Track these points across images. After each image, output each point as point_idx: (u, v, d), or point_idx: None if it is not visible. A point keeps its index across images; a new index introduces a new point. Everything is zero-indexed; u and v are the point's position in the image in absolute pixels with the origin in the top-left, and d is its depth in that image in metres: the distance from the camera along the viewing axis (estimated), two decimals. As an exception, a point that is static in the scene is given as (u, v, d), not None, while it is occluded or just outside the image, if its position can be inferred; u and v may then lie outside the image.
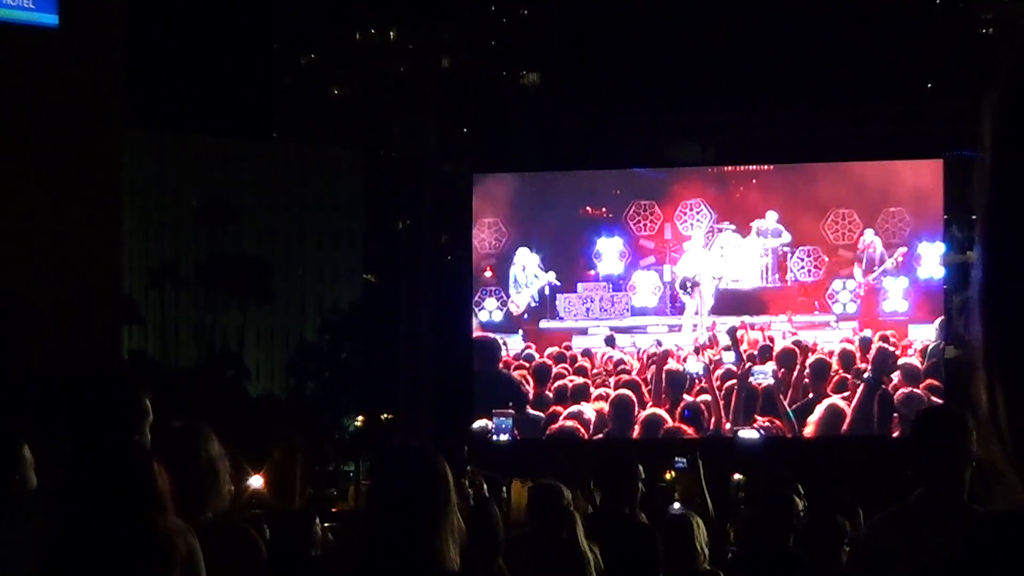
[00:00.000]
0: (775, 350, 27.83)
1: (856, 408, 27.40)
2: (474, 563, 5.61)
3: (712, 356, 27.91)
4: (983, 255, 0.96)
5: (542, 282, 28.86)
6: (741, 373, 27.68)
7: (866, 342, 27.71)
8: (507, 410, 28.42)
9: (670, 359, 27.98)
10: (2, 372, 24.14)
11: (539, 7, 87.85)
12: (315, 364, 64.75)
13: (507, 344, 28.78)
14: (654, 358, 27.98)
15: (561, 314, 28.74)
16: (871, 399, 27.41)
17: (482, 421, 28.67)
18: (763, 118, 36.88)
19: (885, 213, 28.17)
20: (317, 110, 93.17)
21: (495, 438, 28.24)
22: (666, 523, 7.61)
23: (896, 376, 27.53)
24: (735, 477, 30.55)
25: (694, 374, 27.97)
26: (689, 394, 27.88)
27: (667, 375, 27.89)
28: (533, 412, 28.23)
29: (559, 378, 28.33)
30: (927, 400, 26.09)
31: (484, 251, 29.33)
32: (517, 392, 28.42)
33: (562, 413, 28.04)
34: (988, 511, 0.98)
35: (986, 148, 0.96)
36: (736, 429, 27.57)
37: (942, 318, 27.46)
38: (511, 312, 28.87)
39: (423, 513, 3.76)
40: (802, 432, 27.52)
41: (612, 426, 27.70)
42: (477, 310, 29.07)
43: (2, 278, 28.36)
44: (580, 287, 28.90)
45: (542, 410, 28.18)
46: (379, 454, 3.87)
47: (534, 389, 28.39)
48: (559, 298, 28.78)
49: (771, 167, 29.65)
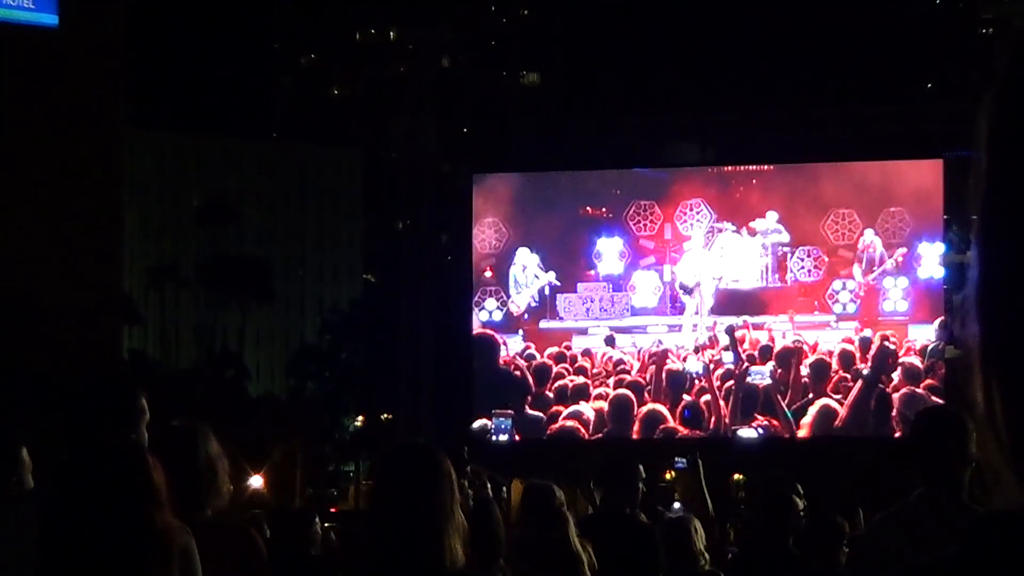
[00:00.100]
0: (775, 350, 27.81)
1: (851, 406, 27.34)
2: (474, 563, 5.60)
3: (712, 356, 27.90)
4: (979, 255, 0.96)
5: (542, 282, 28.84)
6: (739, 373, 27.67)
7: (866, 342, 27.68)
8: (506, 410, 28.40)
9: (669, 358, 27.96)
10: (2, 372, 24.13)
11: (539, 7, 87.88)
12: (315, 364, 64.73)
13: (507, 344, 28.75)
14: (654, 358, 27.97)
15: (561, 314, 28.72)
16: (868, 397, 27.36)
17: (482, 421, 28.65)
18: (763, 118, 36.91)
19: (885, 213, 28.16)
20: (317, 110, 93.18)
21: (494, 438, 28.22)
22: (665, 526, 7.60)
23: (896, 376, 27.50)
24: (735, 477, 30.56)
25: (694, 374, 27.95)
26: (689, 394, 27.87)
27: (667, 375, 27.88)
28: (533, 412, 28.21)
29: (559, 378, 28.31)
30: (927, 400, 26.08)
31: (484, 251, 29.32)
32: (517, 392, 28.40)
33: (562, 413, 28.01)
34: (985, 511, 0.98)
35: (982, 148, 0.96)
36: (734, 429, 27.56)
37: (942, 318, 27.44)
38: (511, 312, 28.85)
39: (429, 510, 3.75)
40: (797, 432, 27.50)
41: (611, 426, 27.68)
42: (477, 310, 29.06)
43: (2, 278, 28.36)
44: (580, 287, 28.88)
45: (542, 410, 28.16)
46: (382, 452, 3.89)
47: (534, 389, 28.37)
48: (559, 298, 28.76)
49: (771, 167, 29.64)
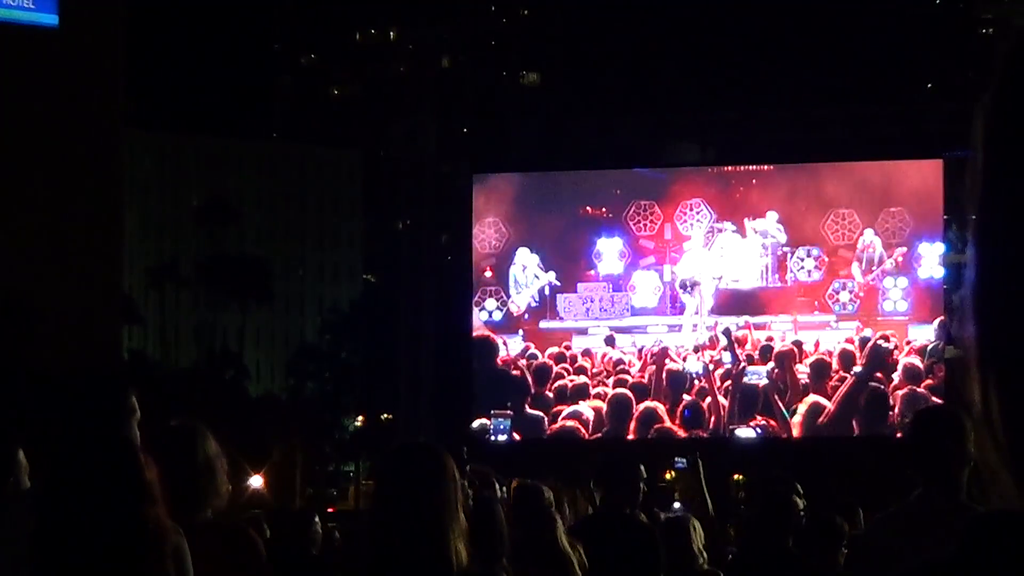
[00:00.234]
0: (774, 350, 27.81)
1: (839, 402, 27.29)
2: (476, 562, 5.60)
3: (712, 356, 27.90)
4: (976, 255, 0.96)
5: (542, 282, 28.84)
6: (736, 373, 27.67)
7: (866, 342, 27.68)
8: (505, 411, 28.39)
9: (669, 358, 27.95)
10: (2, 372, 24.13)
11: (539, 7, 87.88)
12: (315, 364, 64.72)
13: (507, 344, 28.75)
14: (655, 357, 27.97)
15: (561, 314, 28.72)
16: (858, 394, 27.34)
17: (481, 420, 28.65)
18: (763, 118, 36.92)
19: (885, 213, 28.16)
20: (317, 110, 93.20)
21: (492, 438, 28.20)
22: (664, 524, 7.61)
23: (896, 376, 27.50)
24: (735, 477, 30.55)
25: (694, 374, 27.95)
26: (689, 394, 27.87)
27: (667, 375, 27.88)
28: (533, 411, 28.20)
29: (559, 378, 28.30)
30: (928, 400, 26.09)
31: (484, 251, 29.31)
32: (516, 393, 28.39)
33: (562, 413, 28.01)
34: (982, 511, 0.98)
35: (978, 147, 0.96)
36: (733, 428, 27.56)
37: (942, 318, 27.44)
38: (511, 312, 28.84)
39: (433, 510, 3.74)
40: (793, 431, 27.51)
41: (610, 426, 27.68)
42: (477, 310, 29.06)
43: (2, 278, 28.34)
44: (580, 287, 28.88)
45: (542, 410, 28.16)
46: (385, 452, 3.86)
47: (534, 389, 28.36)
48: (559, 298, 28.76)
49: (771, 167, 29.64)
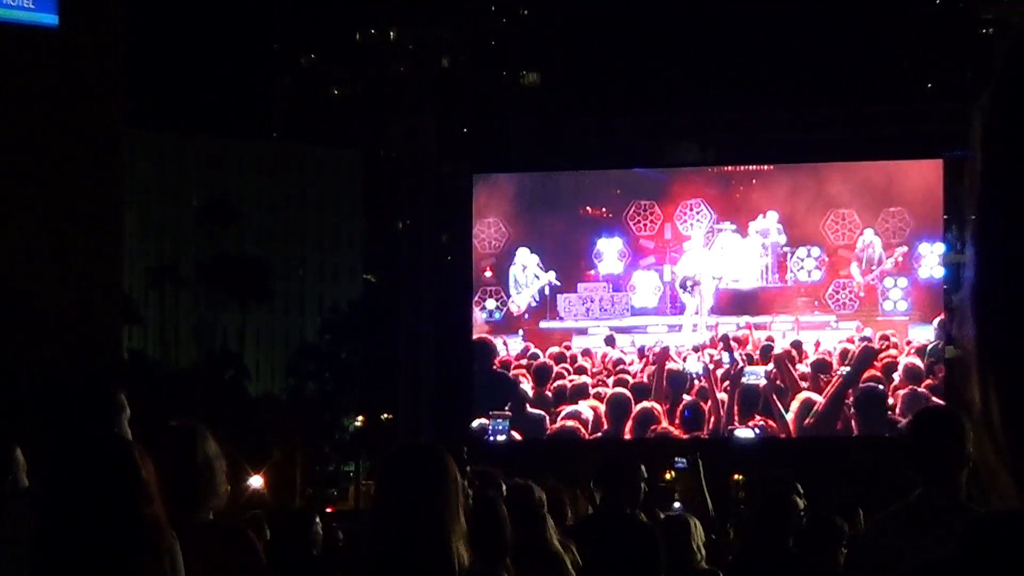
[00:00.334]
0: (774, 351, 27.81)
1: (827, 400, 27.31)
2: (476, 563, 5.60)
3: (712, 356, 27.90)
4: (975, 255, 0.96)
5: (542, 282, 28.83)
6: (734, 373, 27.67)
7: (866, 342, 27.68)
8: (504, 412, 28.37)
9: (669, 358, 27.94)
10: (2, 372, 24.14)
11: (539, 7, 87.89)
12: (315, 364, 64.74)
13: (507, 344, 28.74)
14: (656, 357, 27.96)
15: (561, 314, 28.72)
16: (842, 394, 27.35)
17: (480, 421, 28.63)
18: (763, 118, 36.88)
19: (885, 213, 28.15)
20: (317, 110, 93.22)
21: (491, 439, 28.18)
22: (664, 523, 7.61)
23: (897, 376, 27.50)
24: (735, 477, 30.56)
25: (694, 374, 27.95)
26: (689, 394, 27.87)
27: (667, 375, 27.88)
28: (533, 411, 28.20)
29: (559, 378, 28.30)
30: (928, 400, 26.09)
31: (484, 251, 29.31)
32: (516, 392, 28.39)
33: (561, 413, 28.00)
34: (982, 511, 0.98)
35: (977, 147, 0.96)
36: (732, 429, 27.56)
37: (942, 318, 27.44)
38: (511, 312, 28.84)
39: (435, 512, 3.74)
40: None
41: (609, 426, 27.67)
42: (477, 310, 29.06)
43: (2, 278, 28.34)
44: (580, 287, 28.88)
45: (542, 410, 28.15)
46: (387, 454, 3.87)
47: (534, 389, 28.36)
48: (559, 298, 28.75)
49: (771, 167, 29.62)
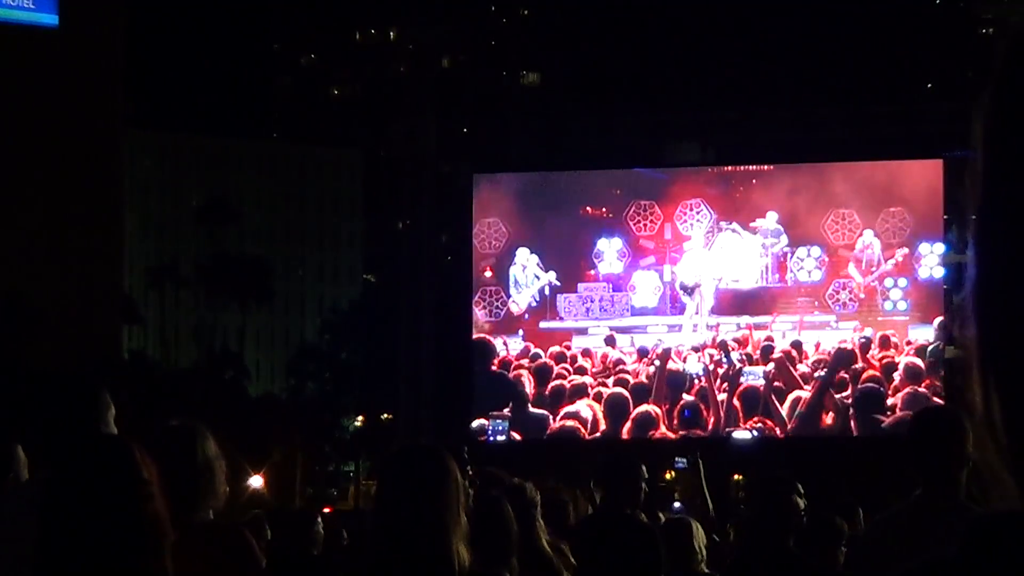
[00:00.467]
0: (774, 351, 27.81)
1: (807, 403, 27.37)
2: (477, 564, 5.61)
3: (713, 356, 27.89)
4: (977, 255, 0.96)
5: (542, 282, 28.83)
6: (732, 374, 27.67)
7: (866, 342, 27.69)
8: (503, 412, 28.36)
9: (670, 359, 27.94)
10: (2, 372, 24.16)
11: (539, 7, 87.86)
12: (315, 364, 64.73)
13: (507, 344, 28.73)
14: (658, 357, 27.95)
15: (561, 314, 28.71)
16: (820, 396, 27.38)
17: (480, 421, 28.63)
18: (763, 118, 36.90)
19: (885, 213, 28.14)
20: (317, 110, 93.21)
21: (490, 439, 28.16)
22: (665, 525, 7.60)
23: (897, 376, 27.50)
24: (735, 477, 30.56)
25: (694, 374, 27.95)
26: (689, 394, 27.86)
27: (667, 375, 27.87)
28: (533, 412, 28.18)
29: (559, 378, 28.29)
30: (929, 400, 26.09)
31: (484, 251, 29.30)
32: (516, 392, 28.37)
33: (561, 413, 27.99)
34: (982, 511, 0.98)
35: (978, 147, 0.96)
36: (730, 429, 27.56)
37: (942, 318, 27.43)
38: (511, 312, 28.83)
39: (435, 513, 3.73)
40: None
41: (607, 426, 27.66)
42: (477, 310, 29.05)
43: (2, 278, 28.36)
44: (580, 287, 28.87)
45: (542, 410, 28.14)
46: (388, 454, 3.88)
47: (534, 389, 28.35)
48: (559, 298, 28.74)
49: (771, 167, 29.62)
